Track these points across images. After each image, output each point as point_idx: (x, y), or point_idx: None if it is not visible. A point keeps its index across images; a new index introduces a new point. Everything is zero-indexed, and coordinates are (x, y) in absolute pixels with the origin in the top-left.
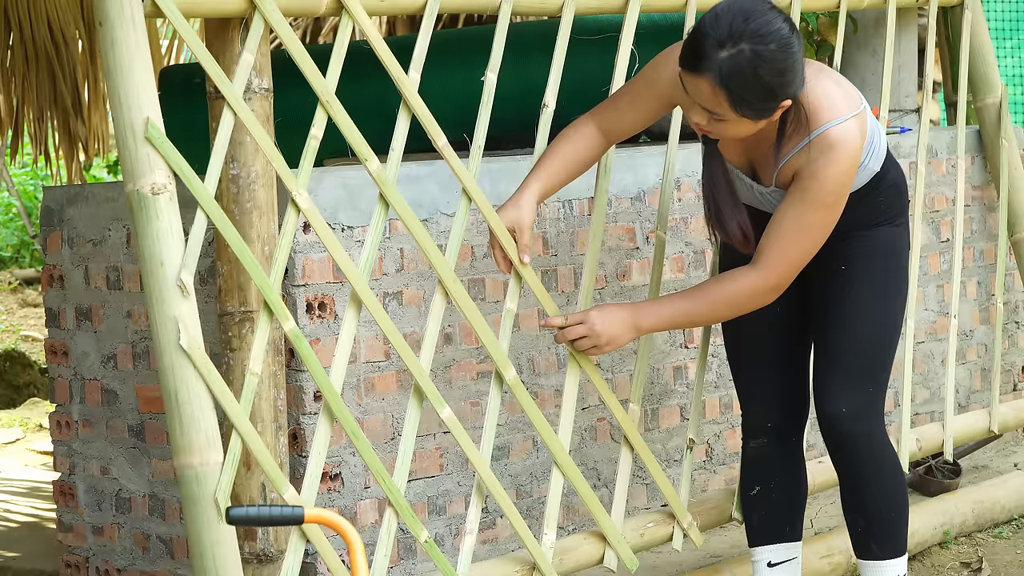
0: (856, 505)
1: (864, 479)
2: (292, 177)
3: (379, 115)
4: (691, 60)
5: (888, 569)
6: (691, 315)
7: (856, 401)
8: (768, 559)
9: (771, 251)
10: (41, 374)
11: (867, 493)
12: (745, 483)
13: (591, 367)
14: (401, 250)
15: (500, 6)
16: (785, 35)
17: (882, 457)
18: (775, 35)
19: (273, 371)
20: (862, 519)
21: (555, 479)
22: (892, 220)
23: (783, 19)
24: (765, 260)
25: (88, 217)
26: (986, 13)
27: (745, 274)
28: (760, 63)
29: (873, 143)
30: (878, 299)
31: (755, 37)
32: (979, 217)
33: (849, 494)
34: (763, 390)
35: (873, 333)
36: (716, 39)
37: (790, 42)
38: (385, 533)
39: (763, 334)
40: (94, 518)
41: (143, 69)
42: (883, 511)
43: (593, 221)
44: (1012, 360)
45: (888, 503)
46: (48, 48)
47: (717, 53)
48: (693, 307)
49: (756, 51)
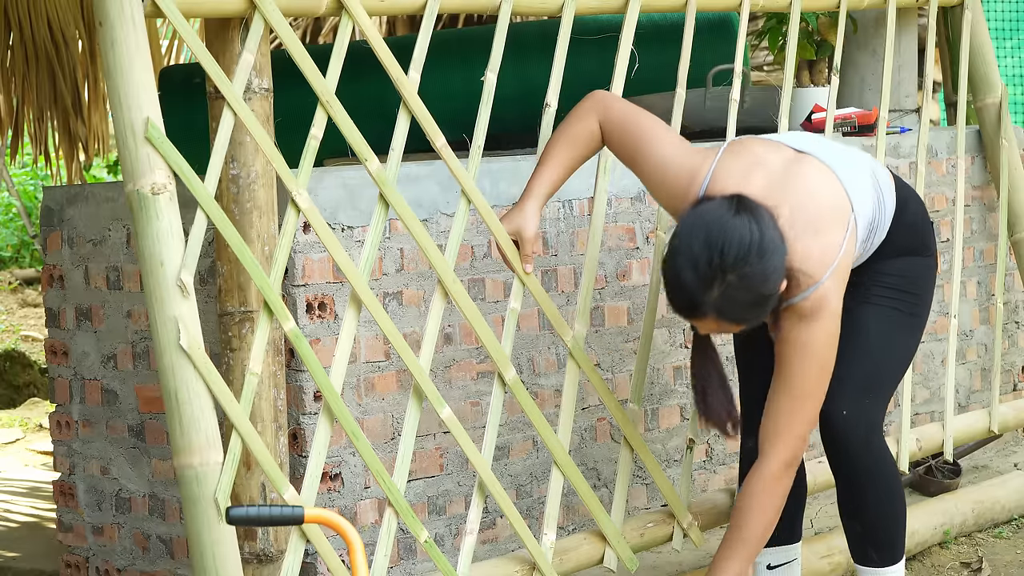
0: (854, 512)
1: (863, 486)
2: (292, 177)
3: (379, 115)
4: (687, 310)
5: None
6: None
7: (858, 409)
8: (768, 561)
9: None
10: (41, 374)
11: (865, 500)
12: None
13: (591, 367)
14: (401, 250)
15: (500, 6)
16: (756, 240)
17: (881, 465)
18: (749, 248)
19: (273, 371)
20: (859, 526)
21: (555, 479)
22: (913, 254)
23: (743, 219)
24: (768, 446)
25: (88, 217)
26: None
27: (757, 474)
28: (750, 284)
29: (875, 220)
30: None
31: (735, 264)
32: (979, 217)
33: (847, 501)
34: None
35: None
36: (701, 283)
37: (762, 241)
38: (385, 533)
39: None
40: (94, 518)
41: (143, 69)
42: (881, 519)
43: (593, 221)
44: (1012, 360)
45: (886, 511)
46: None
47: (707, 296)
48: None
49: (742, 276)
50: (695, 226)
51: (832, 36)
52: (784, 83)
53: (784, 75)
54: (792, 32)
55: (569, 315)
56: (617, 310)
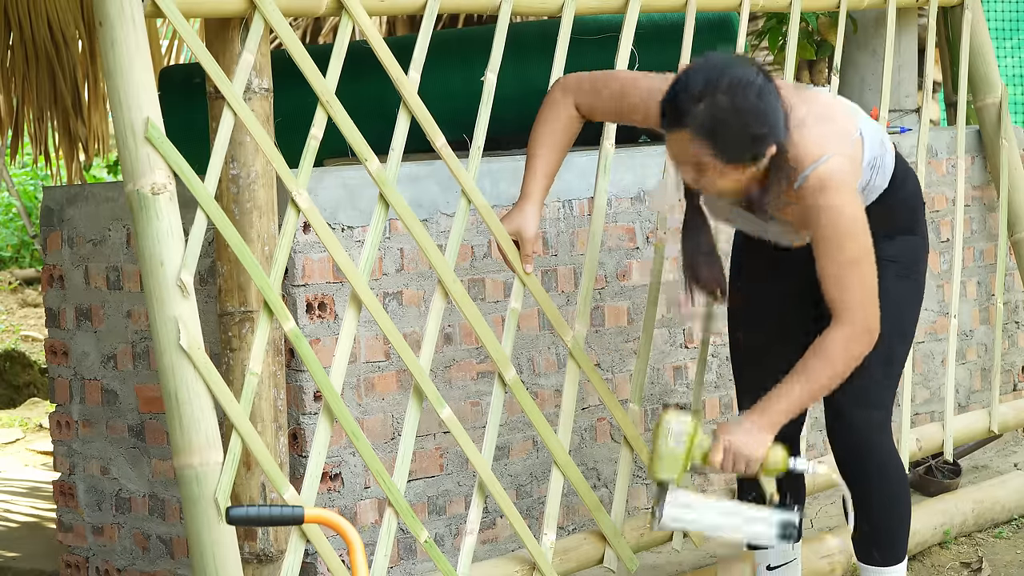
0: (859, 510)
1: (870, 487)
2: (292, 177)
3: (379, 115)
4: (671, 116)
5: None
6: (813, 393)
7: (864, 412)
8: (768, 562)
9: (838, 302)
10: (41, 374)
11: (872, 501)
12: (743, 486)
13: (591, 367)
14: (401, 250)
15: (500, 6)
16: (760, 84)
17: (889, 467)
18: (750, 85)
19: (273, 371)
20: (865, 525)
21: (555, 479)
22: (905, 231)
23: (757, 71)
24: (839, 313)
25: (88, 217)
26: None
27: (834, 332)
28: (737, 110)
29: (877, 163)
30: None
31: (730, 87)
32: (979, 217)
33: (853, 499)
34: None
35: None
36: (693, 93)
37: (766, 90)
38: (385, 533)
39: (765, 335)
40: (94, 518)
41: (143, 69)
42: (887, 519)
43: (593, 221)
44: (1012, 360)
45: (892, 512)
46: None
47: (695, 107)
48: (810, 387)
49: (732, 100)
50: (706, 59)
51: (832, 36)
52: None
53: (784, 75)
54: (792, 32)
55: (569, 315)
56: (617, 310)
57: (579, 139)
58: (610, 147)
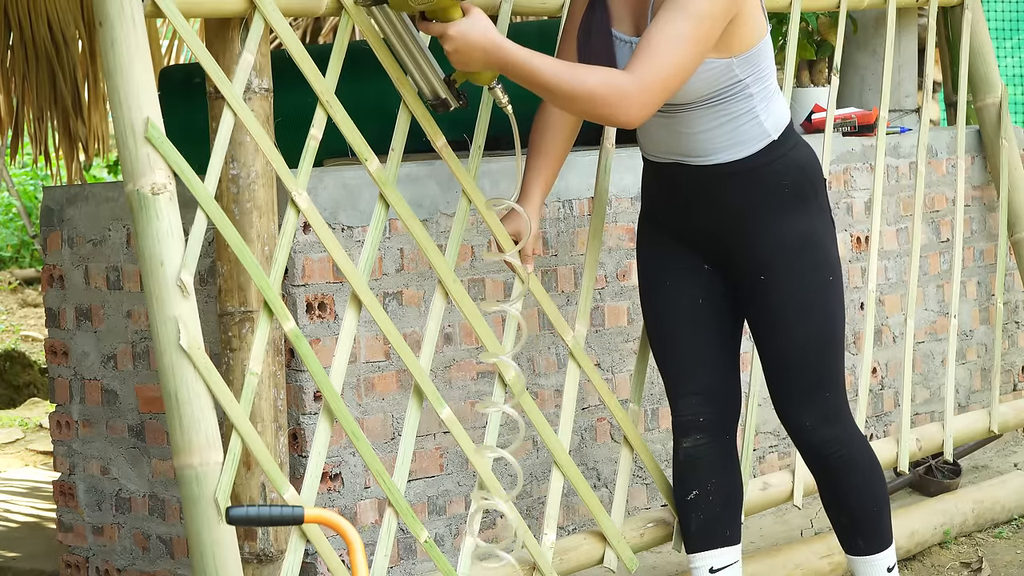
0: (836, 503)
1: (841, 480)
2: (292, 177)
3: (379, 115)
4: None
5: (878, 562)
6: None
7: (817, 411)
8: (710, 564)
9: (642, 61)
10: (41, 374)
11: (846, 492)
12: (680, 487)
13: (591, 367)
14: (401, 250)
15: (500, 6)
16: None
17: (857, 455)
18: None
19: (273, 371)
20: (844, 517)
21: (555, 479)
22: (803, 206)
23: None
24: (635, 68)
25: (88, 217)
26: (986, 13)
27: (619, 74)
28: None
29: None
30: (808, 301)
31: None
32: (979, 217)
33: (829, 494)
34: (693, 383)
35: (815, 338)
36: None
37: None
38: (385, 533)
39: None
40: (94, 518)
41: (143, 69)
42: (865, 507)
43: (593, 221)
44: (1012, 360)
45: (868, 499)
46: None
47: None
48: (559, 69)
49: None
50: None
51: (832, 36)
52: (784, 83)
53: (784, 75)
54: (792, 32)
55: (569, 315)
56: (617, 310)
57: (579, 139)
58: (610, 147)
